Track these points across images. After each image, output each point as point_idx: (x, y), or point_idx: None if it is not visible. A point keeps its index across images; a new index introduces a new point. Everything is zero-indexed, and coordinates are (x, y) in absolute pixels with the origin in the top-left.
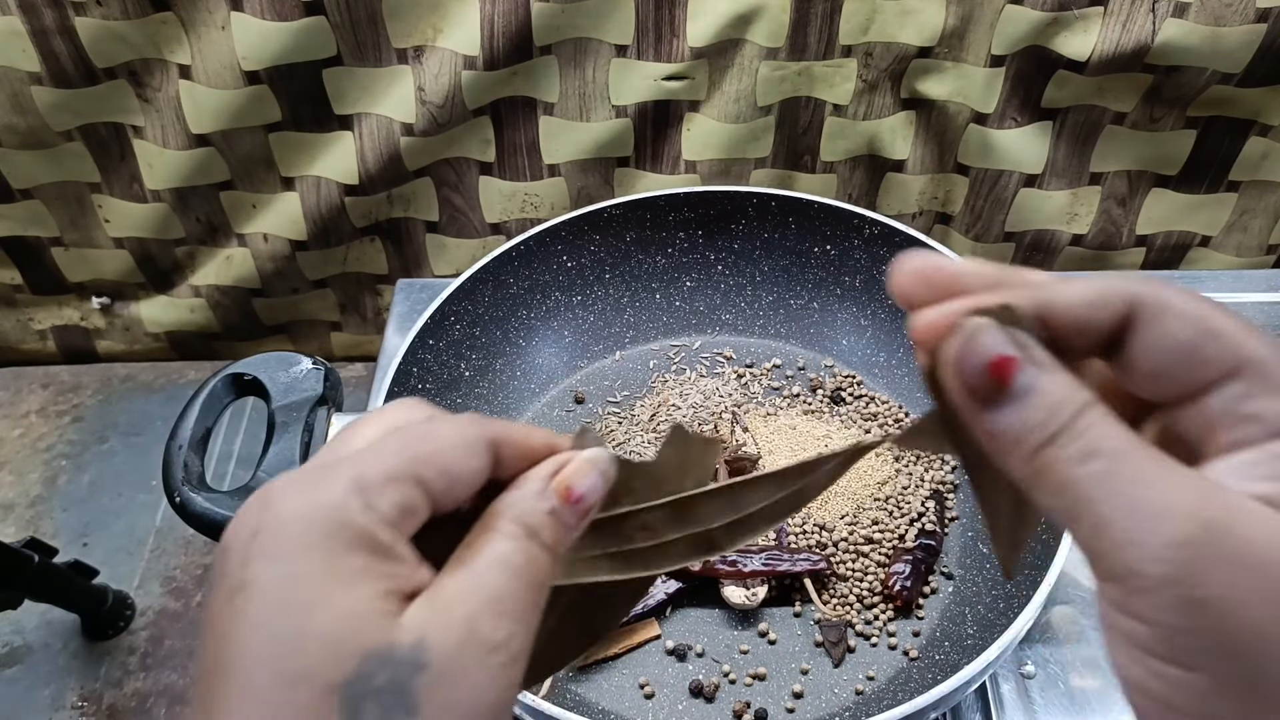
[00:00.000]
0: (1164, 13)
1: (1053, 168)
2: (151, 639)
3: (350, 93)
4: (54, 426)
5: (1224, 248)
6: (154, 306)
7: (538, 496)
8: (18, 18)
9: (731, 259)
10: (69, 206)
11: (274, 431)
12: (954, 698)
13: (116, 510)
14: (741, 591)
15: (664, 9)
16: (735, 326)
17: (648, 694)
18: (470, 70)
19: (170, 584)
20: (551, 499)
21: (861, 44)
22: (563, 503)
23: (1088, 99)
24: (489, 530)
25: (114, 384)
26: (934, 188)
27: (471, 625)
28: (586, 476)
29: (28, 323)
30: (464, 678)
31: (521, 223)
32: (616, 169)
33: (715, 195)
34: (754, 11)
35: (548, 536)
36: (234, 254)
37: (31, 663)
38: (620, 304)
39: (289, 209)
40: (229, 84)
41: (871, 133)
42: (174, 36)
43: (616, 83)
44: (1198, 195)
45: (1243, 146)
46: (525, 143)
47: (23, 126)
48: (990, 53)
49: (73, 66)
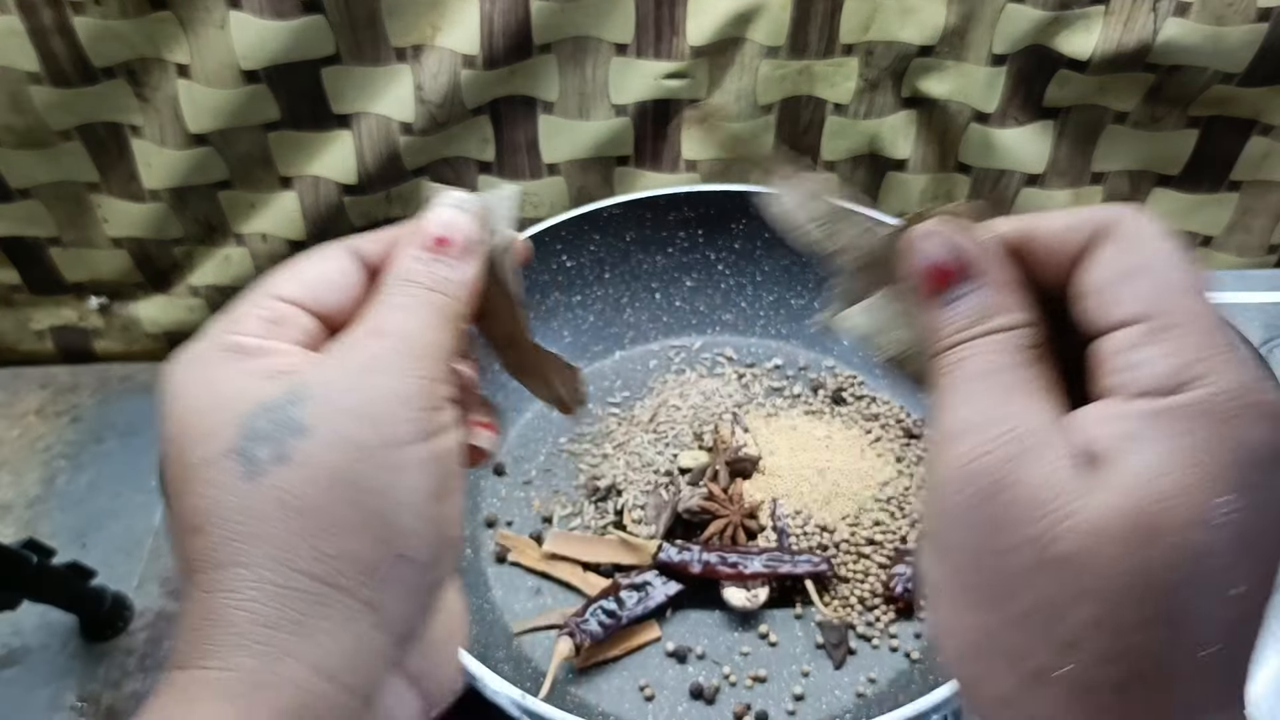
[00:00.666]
0: (1165, 12)
1: (1054, 167)
2: (150, 640)
3: (349, 92)
4: (52, 427)
5: (1226, 248)
6: (152, 306)
7: (408, 257)
8: (16, 17)
9: (732, 259)
10: (67, 206)
11: None
12: (955, 700)
13: (115, 511)
14: (742, 593)
15: (664, 7)
16: (736, 326)
17: (648, 696)
18: (469, 69)
19: (169, 585)
20: (417, 251)
21: (862, 43)
22: (430, 251)
23: (1089, 98)
24: (373, 300)
25: (112, 384)
26: (935, 187)
27: (345, 358)
28: (440, 218)
29: (25, 323)
30: (350, 394)
31: (521, 222)
32: (616, 168)
33: (715, 195)
34: (754, 10)
35: (429, 282)
36: (232, 254)
37: (29, 664)
38: (620, 304)
39: (288, 208)
40: (227, 83)
41: (872, 132)
42: (172, 35)
43: (616, 81)
44: (1199, 195)
45: (1244, 146)
46: (524, 142)
47: (21, 126)
48: (991, 52)
49: (71, 66)
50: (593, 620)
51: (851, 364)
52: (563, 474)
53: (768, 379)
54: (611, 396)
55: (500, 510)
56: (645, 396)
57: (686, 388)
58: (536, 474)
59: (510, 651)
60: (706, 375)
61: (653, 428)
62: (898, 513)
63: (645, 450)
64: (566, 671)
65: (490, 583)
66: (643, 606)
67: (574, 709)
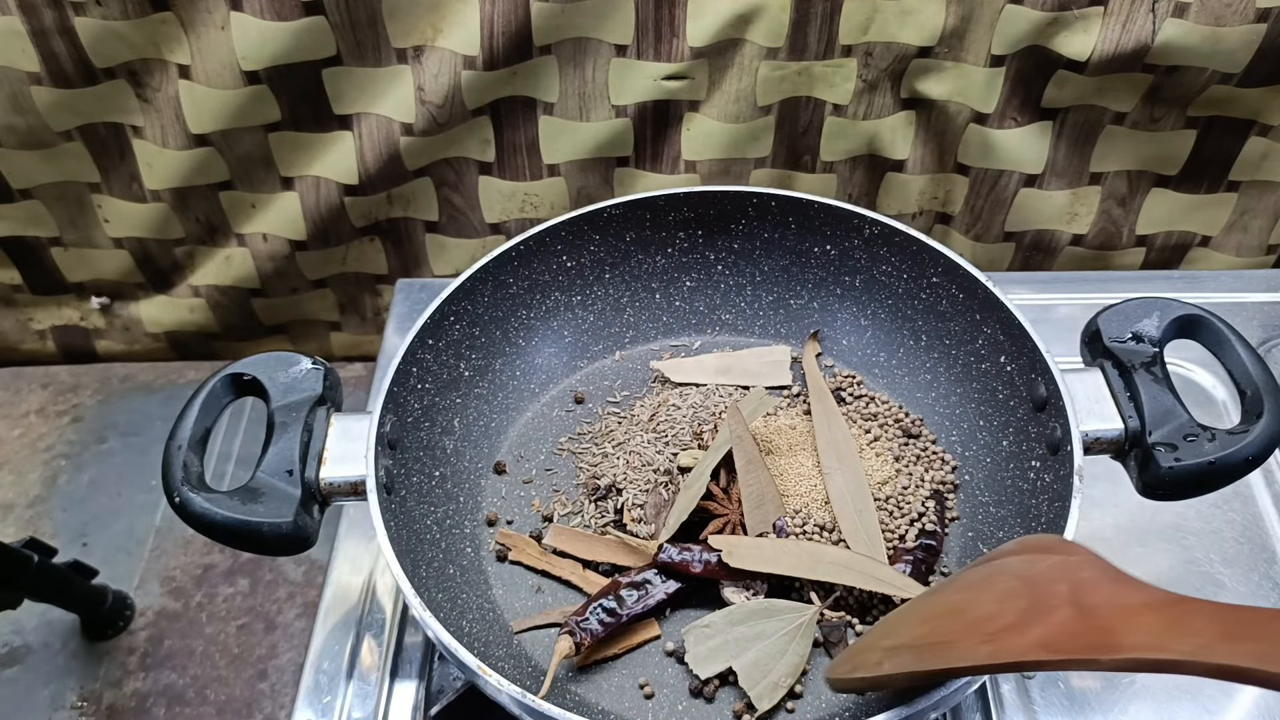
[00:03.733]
0: (1164, 13)
1: (1053, 168)
2: (151, 639)
3: (350, 93)
4: (53, 426)
5: (1224, 248)
6: (153, 306)
7: None
8: (17, 18)
9: (731, 259)
10: (69, 206)
11: (273, 431)
12: (954, 698)
13: (116, 510)
14: (742, 592)
15: (664, 9)
16: (735, 326)
17: (648, 694)
18: (470, 70)
19: (170, 584)
20: None
21: (861, 44)
22: None
23: (1088, 99)
24: None
25: (113, 384)
26: (934, 188)
27: None
28: None
29: (27, 323)
30: None
31: (521, 223)
32: (616, 169)
33: (715, 195)
34: (754, 11)
35: None
36: (233, 254)
37: (31, 663)
38: (620, 304)
39: (288, 209)
40: (228, 84)
41: (871, 132)
42: (173, 36)
43: (616, 82)
44: (1198, 195)
45: (1243, 146)
46: (525, 142)
47: (22, 126)
48: (990, 52)
49: (72, 66)
50: (593, 619)
51: (850, 364)
52: (563, 473)
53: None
54: (611, 396)
55: (501, 509)
56: (645, 396)
57: (686, 388)
58: (537, 473)
59: (510, 650)
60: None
61: (653, 427)
62: (896, 511)
63: (645, 450)
64: (567, 669)
65: (490, 581)
66: (643, 605)
67: (574, 707)
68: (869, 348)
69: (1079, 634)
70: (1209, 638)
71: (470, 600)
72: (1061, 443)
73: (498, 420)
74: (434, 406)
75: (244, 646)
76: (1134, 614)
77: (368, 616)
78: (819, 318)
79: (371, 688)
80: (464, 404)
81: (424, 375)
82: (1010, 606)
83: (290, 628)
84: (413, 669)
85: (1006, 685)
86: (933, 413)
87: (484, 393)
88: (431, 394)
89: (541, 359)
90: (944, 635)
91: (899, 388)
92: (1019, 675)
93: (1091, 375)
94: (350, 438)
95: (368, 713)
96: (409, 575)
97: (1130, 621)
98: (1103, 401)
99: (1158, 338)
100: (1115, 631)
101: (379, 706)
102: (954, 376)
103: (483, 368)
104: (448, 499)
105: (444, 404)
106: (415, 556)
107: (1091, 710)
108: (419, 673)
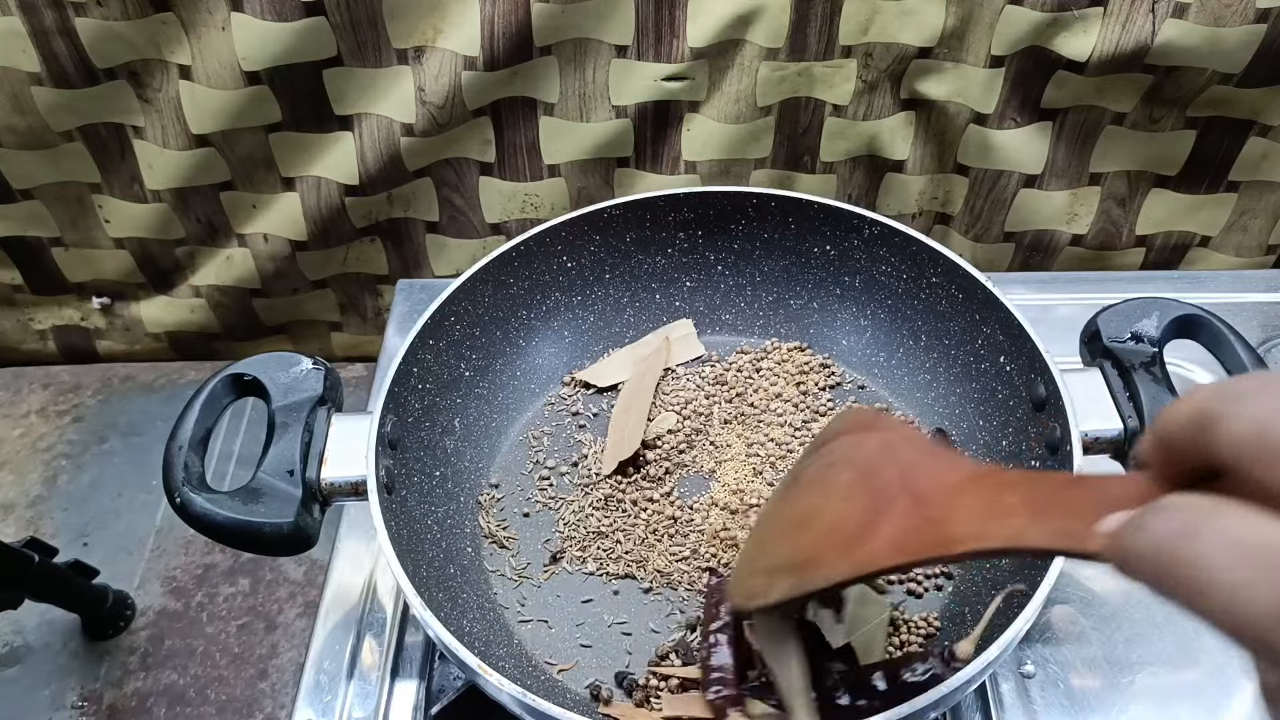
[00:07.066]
0: (1164, 13)
1: (1052, 168)
2: (152, 639)
3: (350, 93)
4: (54, 426)
5: (1224, 248)
6: (154, 307)
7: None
8: (18, 18)
9: (731, 259)
10: (69, 207)
11: (274, 432)
12: (954, 697)
13: (116, 510)
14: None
15: (664, 9)
16: (735, 326)
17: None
18: (470, 71)
19: (170, 584)
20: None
21: (861, 44)
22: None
23: (1087, 99)
24: None
25: (114, 384)
26: (934, 188)
27: None
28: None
29: (28, 323)
30: None
31: (521, 223)
32: (616, 169)
33: (715, 195)
34: (754, 12)
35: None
36: (234, 254)
37: (32, 662)
38: (620, 304)
39: (289, 209)
40: (229, 84)
41: (871, 133)
42: (174, 37)
43: (616, 83)
44: (1197, 195)
45: (1242, 147)
46: (525, 143)
47: (23, 127)
48: (990, 53)
49: (73, 67)
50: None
51: (850, 364)
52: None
53: None
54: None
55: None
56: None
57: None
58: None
59: (511, 649)
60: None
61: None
62: None
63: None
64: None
65: (491, 581)
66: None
67: (573, 706)
68: (869, 348)
69: (919, 528)
70: (1023, 518)
71: (470, 600)
72: (1061, 442)
73: (498, 420)
74: (434, 406)
75: (245, 646)
76: (956, 496)
77: (368, 616)
78: (819, 318)
79: (372, 687)
80: (464, 404)
81: (424, 375)
82: (854, 505)
83: (291, 627)
84: (413, 668)
85: (1006, 685)
86: (932, 413)
87: (484, 393)
88: (432, 394)
89: (541, 359)
90: (808, 551)
91: (899, 388)
92: (1019, 675)
93: (1091, 375)
94: (351, 438)
95: (368, 712)
96: (410, 575)
97: (955, 507)
98: (1102, 401)
99: (1157, 338)
100: (946, 522)
101: (379, 706)
102: (953, 376)
103: (483, 368)
104: (448, 499)
105: (444, 404)
106: (416, 556)
107: (1091, 710)
108: (420, 672)
